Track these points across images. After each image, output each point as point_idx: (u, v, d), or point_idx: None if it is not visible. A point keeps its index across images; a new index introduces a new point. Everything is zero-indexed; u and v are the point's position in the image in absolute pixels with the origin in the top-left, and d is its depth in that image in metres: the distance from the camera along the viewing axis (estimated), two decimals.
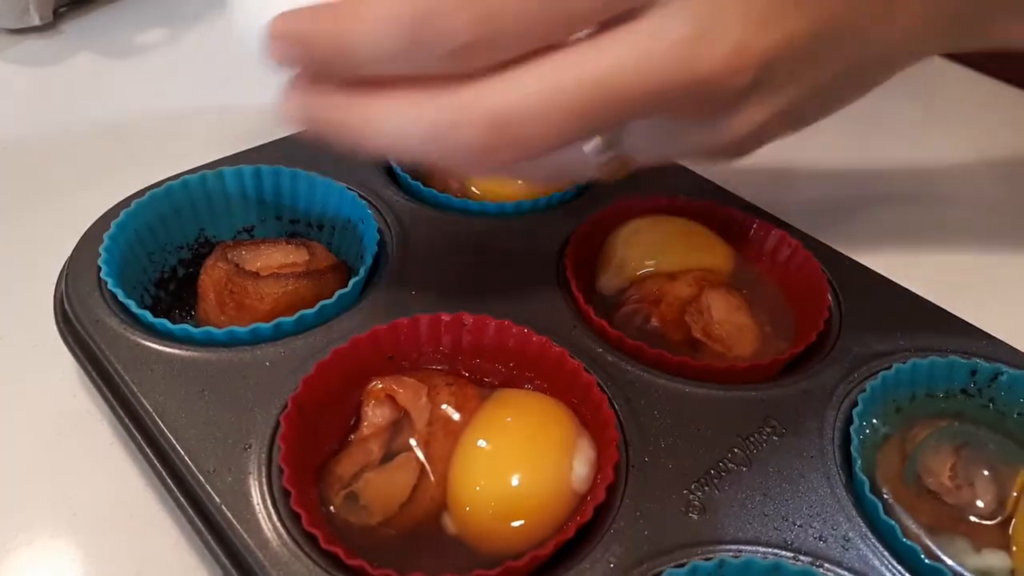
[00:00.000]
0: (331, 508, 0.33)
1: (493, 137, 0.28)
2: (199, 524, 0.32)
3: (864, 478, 0.33)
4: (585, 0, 0.28)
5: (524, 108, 0.28)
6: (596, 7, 0.28)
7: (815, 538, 0.32)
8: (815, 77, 0.33)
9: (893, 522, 0.32)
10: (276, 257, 0.41)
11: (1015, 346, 0.40)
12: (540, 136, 0.28)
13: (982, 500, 0.34)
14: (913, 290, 0.43)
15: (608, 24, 0.29)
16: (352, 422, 0.35)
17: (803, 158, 0.60)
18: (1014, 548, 0.32)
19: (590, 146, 0.32)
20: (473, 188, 0.48)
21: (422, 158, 0.33)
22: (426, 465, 0.33)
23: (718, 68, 0.28)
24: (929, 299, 0.43)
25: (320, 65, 0.30)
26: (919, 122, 0.66)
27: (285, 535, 0.30)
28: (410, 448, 0.34)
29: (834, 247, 0.46)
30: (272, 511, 0.31)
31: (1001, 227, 0.55)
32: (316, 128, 0.31)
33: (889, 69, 0.37)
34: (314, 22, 0.29)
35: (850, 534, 0.32)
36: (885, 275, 0.44)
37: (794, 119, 0.35)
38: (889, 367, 0.38)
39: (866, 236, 0.52)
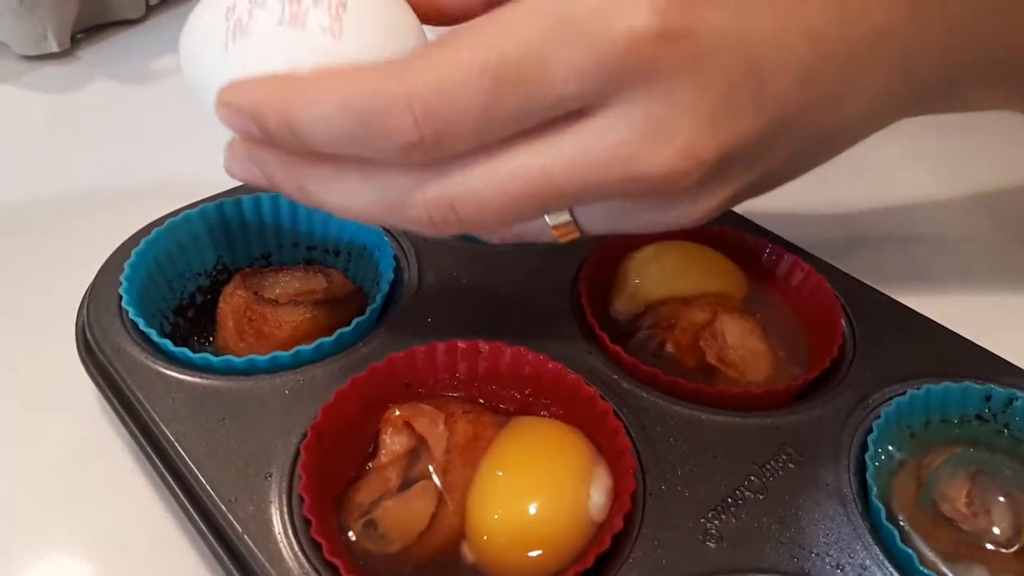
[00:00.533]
0: (350, 536, 0.33)
1: (440, 216, 0.30)
2: (220, 553, 0.32)
3: (880, 505, 0.33)
4: (531, 103, 0.28)
5: (468, 194, 0.29)
6: (542, 110, 0.28)
7: (832, 566, 0.32)
8: (771, 162, 0.33)
9: (910, 550, 0.32)
10: (294, 284, 0.42)
11: None
12: (484, 219, 0.30)
13: (999, 527, 0.34)
14: (927, 315, 0.43)
15: (558, 120, 0.29)
16: (370, 450, 0.36)
17: (816, 184, 0.60)
18: None
19: (549, 218, 0.33)
20: None
21: (375, 224, 0.37)
22: (444, 493, 0.34)
23: (661, 171, 0.29)
24: (943, 324, 0.43)
25: (271, 139, 0.30)
26: (930, 144, 0.66)
27: (306, 564, 0.31)
28: (428, 476, 0.34)
29: (847, 272, 0.46)
30: (293, 540, 0.31)
31: (1015, 250, 0.56)
32: (270, 184, 0.32)
33: (852, 140, 0.36)
34: (265, 98, 0.29)
35: (867, 562, 0.32)
36: (898, 300, 0.44)
37: (756, 191, 0.35)
38: (903, 393, 0.38)
39: (879, 260, 0.52)
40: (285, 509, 0.32)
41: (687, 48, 0.28)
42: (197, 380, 0.37)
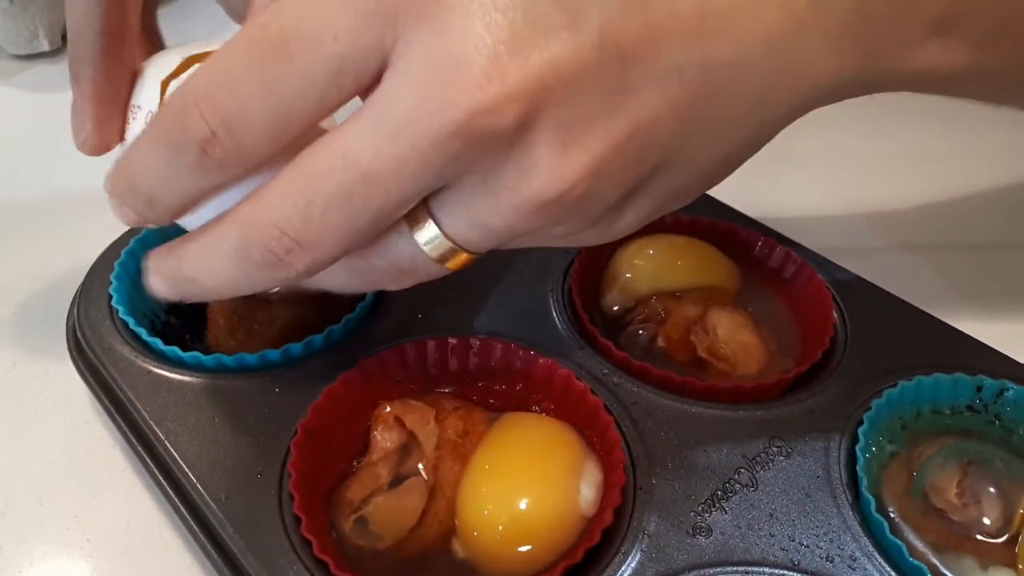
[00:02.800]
0: (342, 532, 0.33)
1: (280, 248, 0.27)
2: (211, 551, 0.32)
3: (870, 497, 0.33)
4: (310, 71, 0.25)
5: (289, 211, 0.26)
6: (326, 78, 0.25)
7: (822, 558, 0.32)
8: (641, 112, 0.26)
9: (900, 541, 0.32)
10: None
11: (1021, 361, 0.40)
12: (322, 238, 0.26)
13: (989, 518, 0.34)
14: (918, 306, 0.43)
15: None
16: (361, 446, 0.36)
17: (808, 174, 0.60)
18: (1020, 566, 0.32)
19: (414, 237, 0.28)
20: None
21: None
22: (434, 489, 0.34)
23: (461, 110, 0.24)
24: (935, 315, 0.43)
25: None
26: (922, 131, 0.66)
27: (297, 562, 0.31)
28: (418, 472, 0.34)
29: (839, 263, 0.46)
30: (284, 537, 0.31)
31: (1006, 241, 0.56)
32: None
33: (770, 104, 0.29)
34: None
35: (857, 554, 0.32)
36: (890, 291, 0.44)
37: (667, 175, 0.28)
38: (894, 384, 0.38)
39: (871, 252, 0.52)
40: (276, 506, 0.32)
41: None
42: (188, 379, 0.37)
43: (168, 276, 0.30)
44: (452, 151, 0.25)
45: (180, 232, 0.30)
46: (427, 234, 0.28)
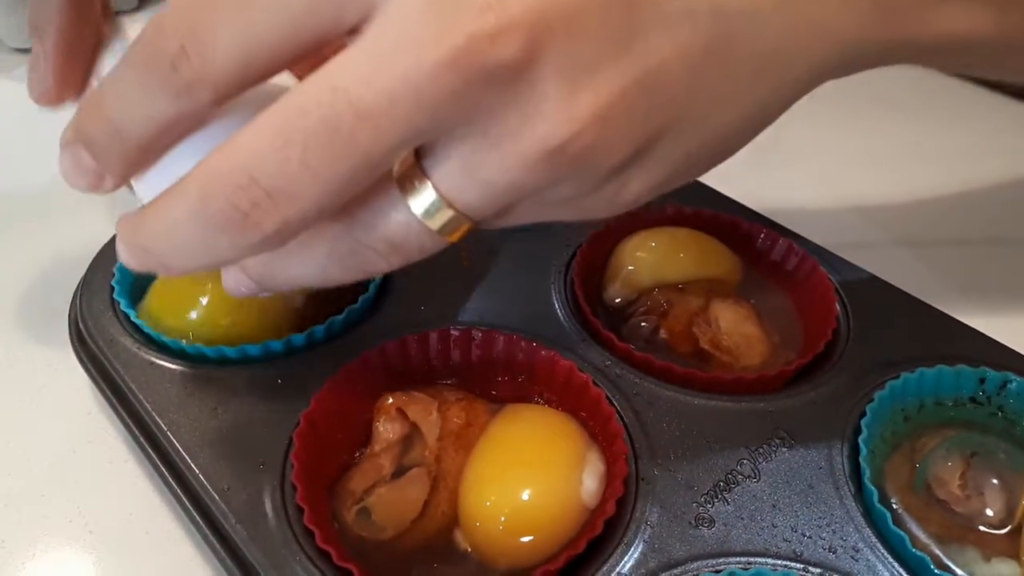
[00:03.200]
0: (344, 523, 0.33)
1: (246, 200, 0.24)
2: (214, 541, 0.32)
3: (873, 488, 0.33)
4: (280, 14, 0.23)
5: (261, 153, 0.23)
6: (290, 20, 0.23)
7: (825, 549, 0.32)
8: (650, 56, 0.25)
9: (902, 532, 0.32)
10: None
11: None
12: (301, 189, 0.24)
13: (992, 509, 0.34)
14: (921, 298, 0.43)
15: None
16: (364, 437, 0.36)
17: (811, 170, 0.60)
18: (1023, 557, 0.33)
19: (408, 203, 0.26)
20: None
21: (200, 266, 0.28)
22: (437, 480, 0.34)
23: (460, 39, 0.22)
24: (937, 307, 0.43)
25: None
26: (921, 126, 0.66)
27: (300, 552, 0.31)
28: (421, 463, 0.34)
29: (841, 255, 0.46)
30: (286, 528, 0.31)
31: (1008, 233, 0.56)
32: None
33: (772, 60, 0.27)
34: None
35: (860, 545, 0.32)
36: (893, 283, 0.44)
37: (671, 117, 0.26)
38: (897, 376, 0.38)
39: (873, 247, 0.52)
40: (278, 497, 0.32)
41: None
42: (190, 369, 0.37)
43: (128, 244, 0.28)
44: (449, 85, 0.23)
45: None
46: (422, 198, 0.25)
